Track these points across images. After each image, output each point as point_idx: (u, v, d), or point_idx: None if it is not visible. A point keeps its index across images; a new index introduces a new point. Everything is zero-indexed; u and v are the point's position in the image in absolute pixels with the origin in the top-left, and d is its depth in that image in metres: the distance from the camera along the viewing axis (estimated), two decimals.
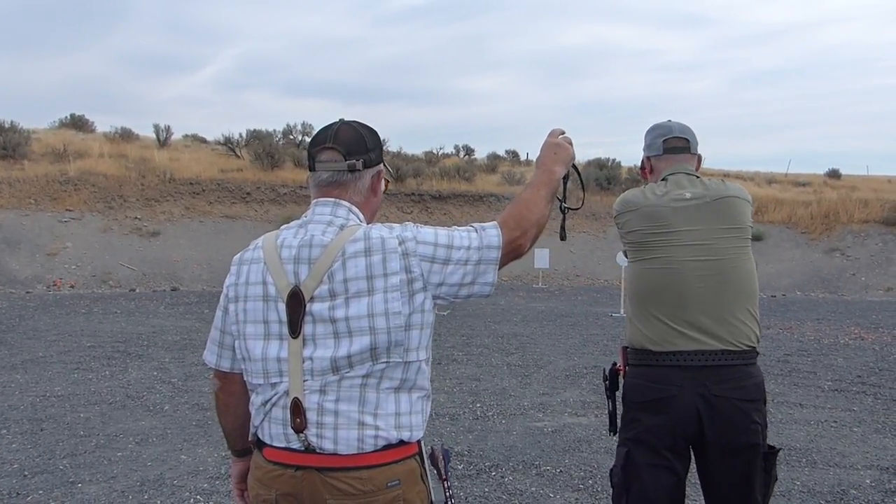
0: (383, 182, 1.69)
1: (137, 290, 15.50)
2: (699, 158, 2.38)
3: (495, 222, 1.58)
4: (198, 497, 3.90)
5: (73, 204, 17.74)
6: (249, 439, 1.66)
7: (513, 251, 1.58)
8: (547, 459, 4.56)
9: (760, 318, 2.23)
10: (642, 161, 2.40)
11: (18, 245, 16.06)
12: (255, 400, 1.59)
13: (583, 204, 1.81)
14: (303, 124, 27.31)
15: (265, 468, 1.56)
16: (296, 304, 1.51)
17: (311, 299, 1.50)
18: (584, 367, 7.54)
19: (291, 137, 26.66)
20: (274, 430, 1.54)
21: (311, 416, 1.50)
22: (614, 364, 2.42)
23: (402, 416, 1.54)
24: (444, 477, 1.71)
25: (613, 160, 25.67)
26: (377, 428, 1.51)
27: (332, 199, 1.60)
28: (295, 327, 1.51)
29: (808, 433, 5.20)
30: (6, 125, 20.81)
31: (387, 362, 1.51)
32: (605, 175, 23.88)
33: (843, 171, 31.51)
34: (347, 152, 1.60)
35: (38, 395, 6.07)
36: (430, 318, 1.57)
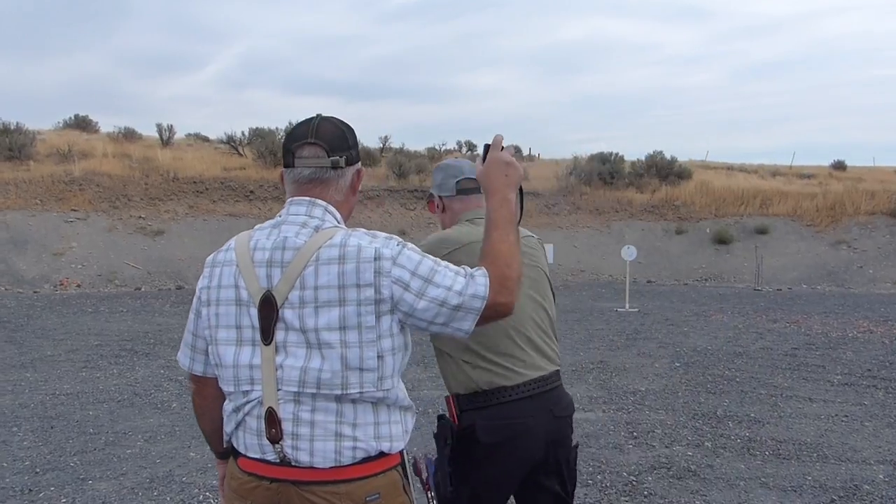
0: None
1: (143, 289, 15.54)
2: None
3: (484, 270, 1.46)
4: (206, 494, 3.92)
5: (79, 204, 17.79)
6: (223, 446, 1.60)
7: (497, 314, 1.46)
8: None
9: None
10: (430, 195, 2.36)
11: (25, 245, 16.11)
12: (227, 406, 1.52)
13: (519, 221, 1.61)
14: None
15: (240, 479, 1.50)
16: (268, 310, 1.44)
17: (283, 305, 1.43)
18: (591, 363, 7.55)
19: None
20: (248, 441, 1.48)
21: (287, 426, 1.43)
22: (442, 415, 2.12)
23: (381, 425, 1.47)
24: (427, 486, 1.64)
25: (616, 154, 25.61)
26: (356, 439, 1.44)
27: (308, 199, 1.52)
28: (267, 334, 1.43)
29: (818, 428, 5.19)
30: (12, 126, 20.86)
31: (360, 392, 1.42)
32: (608, 169, 23.84)
33: (848, 163, 31.38)
34: (330, 148, 1.52)
35: (48, 394, 6.10)
36: (400, 340, 1.46)
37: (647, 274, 19.15)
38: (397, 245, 1.47)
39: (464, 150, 32.78)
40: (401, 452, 1.51)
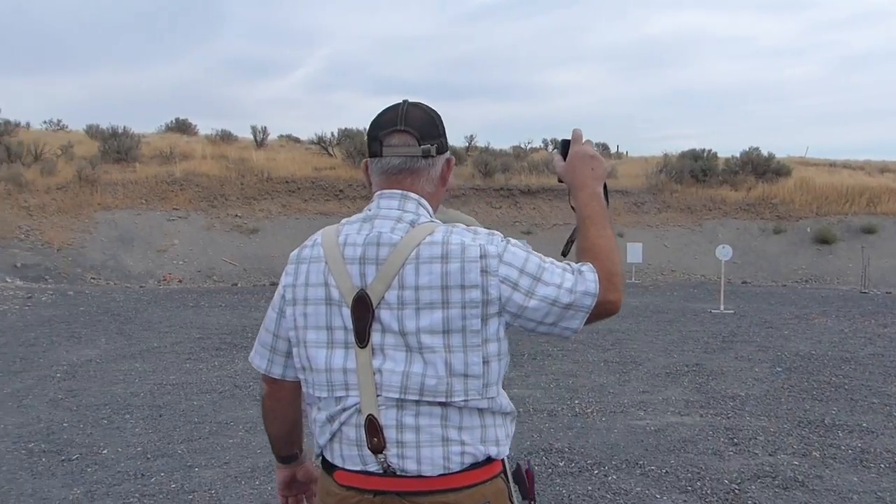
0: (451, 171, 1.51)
1: (239, 285, 16.18)
2: None
3: (591, 265, 1.38)
4: None
5: (180, 203, 18.70)
6: (314, 461, 1.51)
7: (606, 312, 1.39)
8: (651, 459, 4.45)
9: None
10: None
11: (132, 242, 17.08)
12: (318, 416, 1.41)
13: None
14: None
15: (339, 494, 1.38)
16: (362, 310, 1.34)
17: (379, 305, 1.33)
18: (685, 365, 7.31)
19: None
20: (346, 452, 1.37)
21: (390, 433, 1.33)
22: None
23: (487, 429, 1.38)
24: (531, 496, 1.52)
25: (709, 151, 24.71)
26: (463, 443, 1.34)
27: (399, 191, 1.41)
28: (362, 336, 1.34)
29: None
30: (119, 131, 22.18)
31: (465, 400, 1.33)
32: (700, 167, 23.03)
33: None
34: (421, 136, 1.41)
35: (156, 384, 6.44)
36: (505, 345, 1.38)
37: (742, 274, 18.39)
38: (501, 241, 1.37)
39: (549, 147, 32.47)
40: (503, 460, 1.42)
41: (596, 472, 4.23)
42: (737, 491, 3.91)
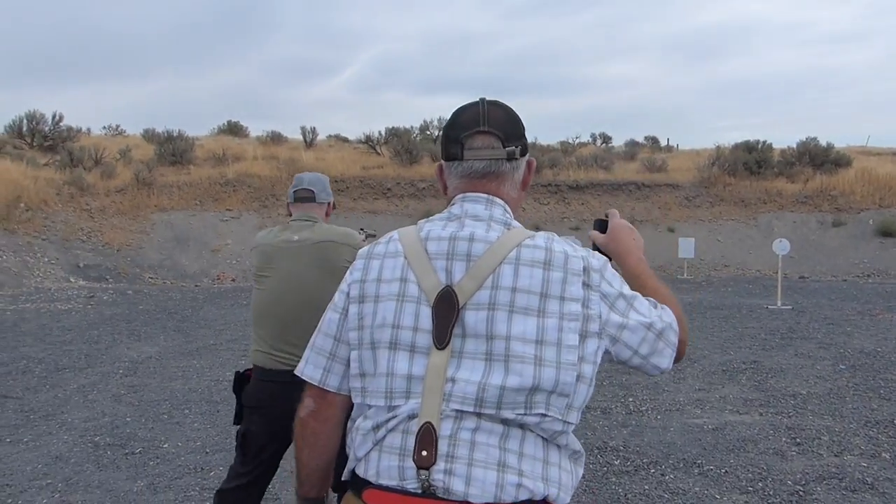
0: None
1: None
2: (330, 204, 2.86)
3: (666, 306, 1.34)
4: None
5: (232, 204, 19.10)
6: (343, 478, 1.31)
7: (681, 353, 1.34)
8: (709, 458, 4.34)
9: None
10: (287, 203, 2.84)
11: (188, 242, 17.52)
12: (364, 425, 1.25)
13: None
14: (438, 120, 27.77)
15: None
16: (447, 309, 1.21)
17: (466, 305, 1.21)
18: (743, 363, 7.12)
19: (428, 133, 27.20)
20: (385, 463, 1.20)
21: (442, 446, 1.17)
22: (247, 370, 2.69)
23: (550, 466, 1.21)
24: None
25: (764, 142, 24.03)
26: (521, 474, 1.17)
27: (485, 195, 1.32)
28: (443, 337, 1.20)
29: None
30: (174, 134, 22.78)
31: (543, 415, 1.19)
32: (754, 158, 22.40)
33: None
34: (506, 137, 1.31)
35: (213, 380, 6.58)
36: (597, 370, 1.25)
37: (799, 269, 17.84)
38: (602, 257, 1.31)
39: (598, 142, 32.07)
40: None
41: (652, 471, 4.16)
42: (801, 493, 3.79)
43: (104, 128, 31.42)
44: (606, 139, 32.54)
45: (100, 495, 3.85)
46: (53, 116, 22.77)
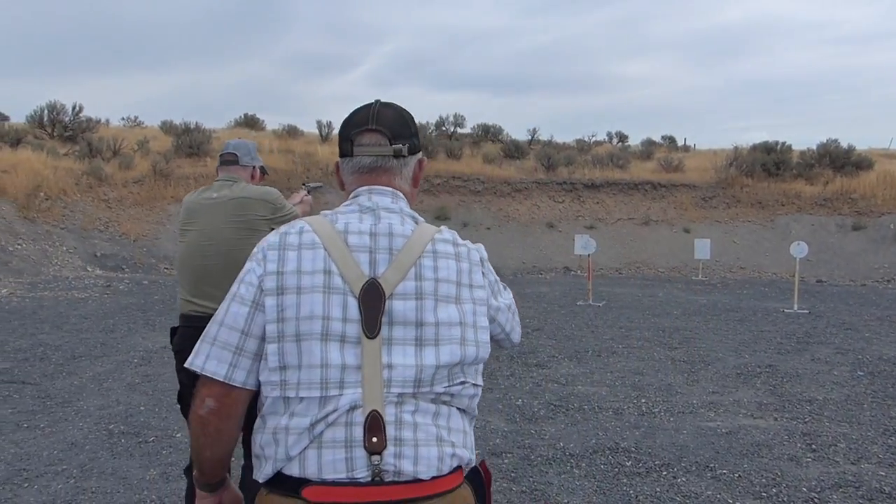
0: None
1: None
2: (255, 168, 3.05)
3: None
4: None
5: None
6: (261, 480, 1.30)
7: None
8: (723, 462, 4.31)
9: None
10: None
11: None
12: (291, 422, 1.25)
13: None
14: (455, 116, 27.78)
15: None
16: (374, 299, 1.27)
17: (392, 295, 1.28)
18: (758, 366, 7.06)
19: (444, 129, 27.18)
20: (328, 458, 1.22)
21: (389, 431, 1.24)
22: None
23: (468, 435, 1.36)
24: (489, 497, 1.44)
25: (782, 143, 23.79)
26: (454, 445, 1.30)
27: (389, 189, 1.41)
28: (373, 326, 1.26)
29: None
30: (192, 126, 22.91)
31: (463, 382, 1.32)
32: (772, 160, 22.18)
33: None
34: (392, 135, 1.41)
35: None
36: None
37: (817, 272, 17.67)
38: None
39: (614, 140, 31.90)
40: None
41: (664, 473, 4.13)
42: (817, 500, 3.75)
43: (123, 119, 31.71)
44: (623, 138, 32.36)
45: (113, 482, 3.89)
46: (73, 107, 22.99)
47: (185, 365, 1.33)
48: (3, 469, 4.05)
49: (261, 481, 1.30)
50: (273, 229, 2.69)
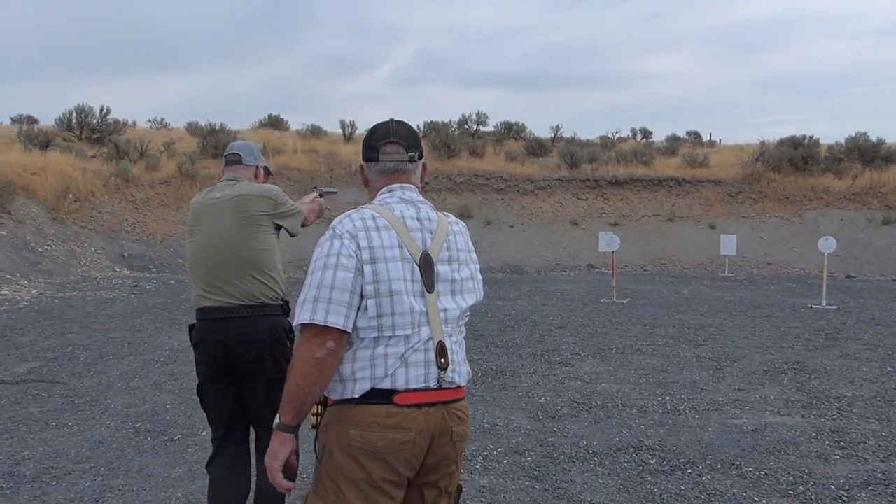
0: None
1: None
2: (259, 168, 3.18)
3: None
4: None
5: None
6: (357, 395, 1.75)
7: None
8: (749, 460, 4.25)
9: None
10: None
11: None
12: (389, 351, 1.76)
13: None
14: (477, 114, 27.73)
15: (399, 414, 1.73)
16: (428, 265, 1.81)
17: (437, 262, 1.83)
18: (785, 363, 6.95)
19: (467, 127, 27.15)
20: (413, 374, 1.76)
21: (450, 354, 1.81)
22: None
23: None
24: None
25: (810, 137, 23.38)
26: (468, 363, 1.94)
27: (414, 186, 1.92)
28: (431, 284, 1.81)
29: None
30: (217, 127, 23.14)
31: (468, 316, 1.95)
32: (800, 154, 21.81)
33: None
34: (408, 146, 1.92)
35: None
36: None
37: (846, 268, 17.37)
38: None
39: (638, 137, 31.62)
40: None
41: (689, 471, 4.09)
42: (845, 498, 3.69)
43: (149, 121, 32.17)
44: (647, 134, 32.08)
45: (139, 480, 3.94)
46: (101, 110, 23.35)
47: (301, 322, 1.72)
48: (32, 467, 4.13)
49: (356, 396, 1.75)
50: (276, 224, 2.83)
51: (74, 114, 22.96)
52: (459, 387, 1.85)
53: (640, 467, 4.15)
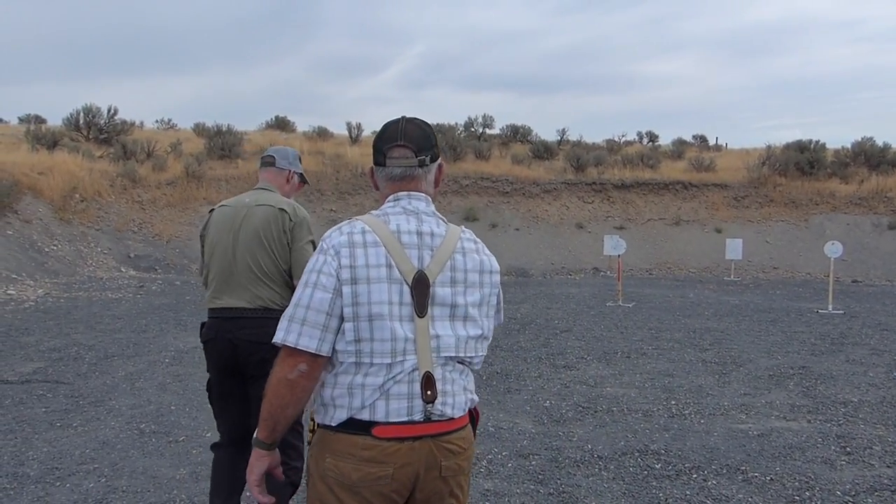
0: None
1: None
2: (291, 173, 3.17)
3: None
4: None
5: None
6: (334, 424, 1.63)
7: None
8: (754, 465, 4.23)
9: None
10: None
11: None
12: (366, 380, 1.62)
13: None
14: (483, 117, 27.78)
15: (378, 447, 1.61)
16: (423, 287, 1.64)
17: (434, 283, 1.66)
18: (791, 368, 6.92)
19: (472, 130, 27.18)
20: (394, 406, 1.62)
21: (439, 385, 1.65)
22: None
23: (474, 382, 1.81)
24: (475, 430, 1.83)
25: (817, 142, 23.33)
26: (472, 391, 1.77)
27: (423, 194, 1.75)
28: (423, 308, 1.64)
29: None
30: (224, 128, 23.20)
31: (482, 356, 1.76)
32: (806, 158, 21.75)
33: None
34: (417, 149, 1.73)
35: None
36: None
37: (852, 272, 17.29)
38: None
39: (644, 140, 31.58)
40: None
41: (695, 476, 4.07)
42: (851, 503, 3.67)
43: (157, 122, 32.31)
44: (653, 138, 32.02)
45: (144, 481, 3.95)
46: (108, 110, 23.45)
47: (276, 341, 1.65)
48: (36, 467, 4.14)
49: (333, 425, 1.65)
50: (288, 243, 2.82)
51: (82, 114, 23.07)
52: (452, 419, 1.68)
53: (646, 472, 4.13)
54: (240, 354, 2.87)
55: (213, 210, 3.13)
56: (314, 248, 2.95)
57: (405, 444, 1.61)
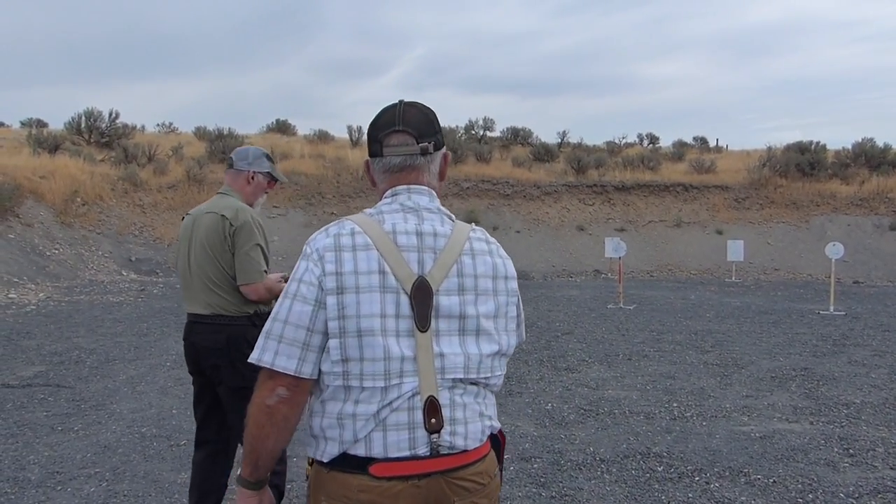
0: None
1: None
2: (250, 174, 3.17)
3: None
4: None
5: (279, 201, 19.38)
6: (325, 460, 1.39)
7: None
8: (757, 468, 4.22)
9: None
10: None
11: None
12: (359, 410, 1.37)
13: None
14: (484, 119, 27.80)
15: (378, 488, 1.35)
16: (424, 296, 1.38)
17: (438, 291, 1.39)
18: (792, 369, 6.91)
19: (473, 132, 27.19)
20: (392, 439, 1.36)
21: (446, 412, 1.38)
22: None
23: (495, 406, 1.53)
24: (500, 463, 1.55)
25: (817, 143, 23.36)
26: (490, 418, 1.48)
27: (427, 188, 1.49)
28: (425, 321, 1.37)
29: None
30: (225, 132, 23.23)
31: (499, 375, 1.49)
32: (807, 160, 21.77)
33: None
34: (419, 134, 1.47)
35: None
36: None
37: (853, 274, 17.28)
38: None
39: (644, 142, 31.59)
40: None
41: (697, 478, 4.06)
42: None
43: (158, 125, 32.30)
44: (654, 140, 32.05)
45: (145, 485, 3.94)
46: (110, 114, 23.49)
47: (251, 360, 1.41)
48: (37, 472, 4.14)
49: (325, 461, 1.40)
50: (230, 249, 2.81)
51: (83, 118, 23.11)
52: (465, 451, 1.40)
53: (648, 474, 4.12)
54: (200, 359, 2.99)
55: (183, 218, 3.21)
56: (263, 253, 2.97)
57: (409, 483, 1.36)
